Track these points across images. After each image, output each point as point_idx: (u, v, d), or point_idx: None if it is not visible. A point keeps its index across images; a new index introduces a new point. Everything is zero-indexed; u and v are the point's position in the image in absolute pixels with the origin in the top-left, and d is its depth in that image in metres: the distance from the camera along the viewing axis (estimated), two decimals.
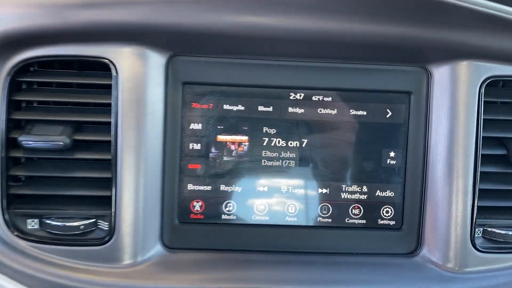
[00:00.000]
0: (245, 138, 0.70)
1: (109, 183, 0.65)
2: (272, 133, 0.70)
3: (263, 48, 0.66)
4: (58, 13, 0.60)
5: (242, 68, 0.69)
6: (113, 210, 0.65)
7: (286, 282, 0.66)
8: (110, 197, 0.65)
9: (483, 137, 0.67)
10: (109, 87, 0.65)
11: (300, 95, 0.70)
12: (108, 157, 0.65)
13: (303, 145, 0.71)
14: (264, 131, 0.70)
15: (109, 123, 0.65)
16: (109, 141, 0.65)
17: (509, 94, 0.72)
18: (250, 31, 0.63)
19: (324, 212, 0.72)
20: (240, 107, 0.70)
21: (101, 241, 0.65)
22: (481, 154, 0.67)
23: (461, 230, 0.67)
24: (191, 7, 0.61)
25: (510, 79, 0.69)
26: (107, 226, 0.66)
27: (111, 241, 0.64)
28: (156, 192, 0.68)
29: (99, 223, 0.66)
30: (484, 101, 0.67)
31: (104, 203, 0.65)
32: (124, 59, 0.64)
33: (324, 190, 0.71)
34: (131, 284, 0.64)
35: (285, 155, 0.71)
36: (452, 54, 0.66)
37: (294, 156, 0.71)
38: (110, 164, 0.65)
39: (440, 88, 0.68)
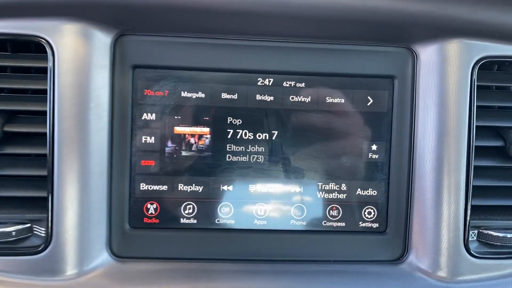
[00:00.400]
0: (206, 130, 0.62)
1: (46, 182, 0.57)
2: (237, 124, 0.62)
3: (226, 25, 0.59)
4: None
5: (202, 49, 0.61)
6: (49, 213, 0.57)
7: None
8: (46, 199, 0.57)
9: (476, 126, 0.61)
10: (46, 71, 0.57)
11: (269, 81, 0.62)
12: (44, 151, 0.57)
13: (273, 138, 0.63)
14: (228, 122, 0.62)
15: (45, 113, 0.56)
16: (45, 133, 0.56)
17: (505, 78, 0.64)
18: (210, 3, 0.55)
19: (297, 214, 0.64)
20: (201, 95, 0.62)
21: (37, 250, 0.57)
22: (475, 146, 0.61)
23: (453, 233, 0.61)
24: None
25: (506, 60, 0.60)
26: (44, 232, 0.58)
27: (48, 249, 0.57)
28: (102, 192, 0.59)
29: (35, 229, 0.58)
30: (477, 85, 0.61)
31: (41, 206, 0.58)
32: (63, 38, 0.57)
33: (298, 189, 0.63)
34: None
35: (253, 149, 0.63)
36: (440, 31, 0.59)
37: (263, 150, 0.63)
38: (46, 160, 0.56)
39: (427, 71, 0.62)
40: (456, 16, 0.57)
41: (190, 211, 0.63)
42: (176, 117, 0.62)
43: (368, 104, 0.63)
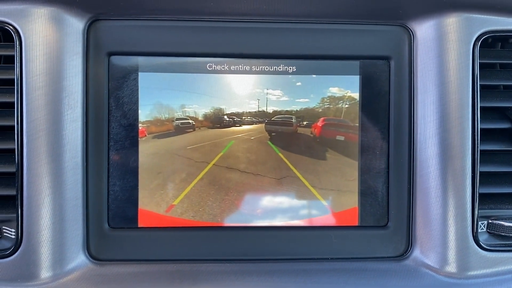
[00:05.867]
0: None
1: (14, 179, 0.53)
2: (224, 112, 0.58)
3: (207, 4, 0.55)
4: None
5: (181, 32, 0.57)
6: (19, 212, 0.53)
7: None
8: (15, 197, 0.53)
9: (481, 107, 0.57)
10: (13, 59, 0.54)
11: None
12: (12, 146, 0.53)
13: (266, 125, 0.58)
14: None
15: (13, 104, 0.53)
16: (13, 127, 0.53)
17: (510, 55, 0.60)
18: None
19: (291, 209, 0.59)
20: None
21: (6, 253, 0.54)
22: (480, 129, 0.57)
23: (460, 224, 0.57)
24: None
25: (510, 34, 0.56)
26: (14, 233, 0.54)
27: (19, 251, 0.54)
28: (77, 189, 0.56)
29: (4, 230, 0.55)
30: (479, 63, 0.57)
31: (9, 205, 0.55)
32: (31, 23, 0.54)
33: (292, 181, 0.58)
34: None
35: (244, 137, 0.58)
36: (437, 4, 0.56)
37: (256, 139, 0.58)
38: (15, 156, 0.53)
39: (424, 50, 0.58)
40: None
41: (175, 208, 0.58)
42: None
43: (364, 88, 0.59)
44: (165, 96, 0.57)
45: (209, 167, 0.57)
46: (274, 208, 0.59)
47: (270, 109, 0.58)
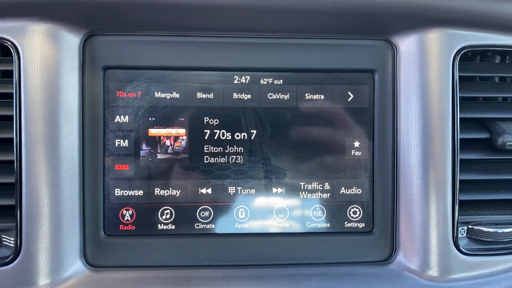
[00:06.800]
0: (182, 131, 0.60)
1: (14, 189, 0.55)
2: (214, 125, 0.61)
3: (198, 21, 0.57)
4: None
5: (175, 47, 0.60)
6: (18, 222, 0.55)
7: None
8: (14, 207, 0.55)
9: (461, 118, 0.59)
10: (11, 74, 0.56)
11: (246, 78, 0.61)
12: (11, 158, 0.55)
13: (252, 138, 0.61)
14: (205, 122, 0.61)
15: (11, 118, 0.55)
16: (12, 139, 0.55)
17: (488, 68, 0.63)
18: None
19: (280, 216, 0.62)
20: (175, 95, 0.60)
21: (6, 261, 0.55)
22: (460, 139, 0.59)
23: (441, 230, 0.59)
24: None
25: (488, 49, 0.59)
26: (13, 242, 0.56)
27: (18, 259, 0.55)
28: (74, 199, 0.58)
29: (3, 239, 0.56)
30: (459, 76, 0.59)
31: (9, 214, 0.56)
32: (29, 39, 0.56)
33: (279, 190, 0.61)
34: None
35: (231, 150, 0.61)
36: (419, 21, 0.58)
37: (242, 150, 0.61)
38: (14, 167, 0.55)
39: (407, 63, 0.60)
40: (434, 4, 0.57)
41: (168, 216, 0.61)
42: (150, 118, 0.60)
43: (349, 99, 0.62)
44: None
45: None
46: (265, 214, 0.61)
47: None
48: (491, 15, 0.58)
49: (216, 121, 0.61)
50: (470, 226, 0.61)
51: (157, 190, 0.60)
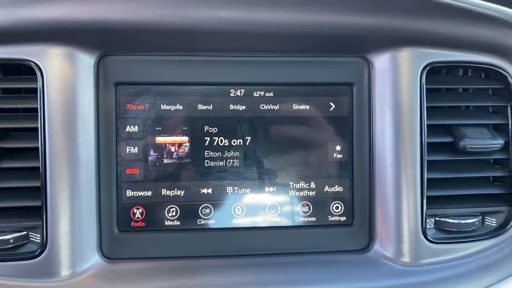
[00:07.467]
0: (185, 138, 0.67)
1: (39, 192, 0.61)
2: (213, 132, 0.68)
3: (199, 43, 0.64)
4: None
5: (178, 65, 0.66)
6: (44, 221, 0.61)
7: (232, 285, 0.63)
8: (40, 208, 0.61)
9: (428, 125, 0.67)
10: (36, 91, 0.62)
11: (241, 92, 0.68)
12: (37, 164, 0.61)
13: (247, 143, 0.68)
14: (205, 131, 0.68)
15: (37, 129, 0.61)
16: (37, 148, 0.61)
17: (453, 81, 0.71)
18: (184, 24, 0.61)
19: (272, 211, 0.69)
20: (179, 107, 0.67)
21: (33, 255, 0.61)
22: (427, 143, 0.66)
23: (412, 222, 0.66)
24: (119, 2, 0.59)
25: (452, 64, 0.67)
26: (39, 238, 0.62)
27: (44, 254, 0.61)
28: (91, 200, 0.64)
29: (31, 236, 0.62)
30: (427, 88, 0.67)
31: (35, 214, 0.62)
32: (50, 61, 0.61)
33: (271, 189, 0.69)
34: None
35: (229, 154, 0.68)
36: (392, 41, 0.65)
37: (238, 155, 0.68)
38: (39, 172, 0.61)
39: (381, 77, 0.68)
40: (405, 27, 0.63)
41: (174, 213, 0.68)
42: (157, 128, 0.67)
43: (331, 109, 0.69)
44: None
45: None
46: (259, 211, 0.69)
47: None
48: (453, 36, 0.65)
49: (215, 129, 0.68)
50: (437, 218, 0.68)
51: (163, 190, 0.67)
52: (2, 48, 0.61)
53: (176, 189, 0.67)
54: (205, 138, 0.67)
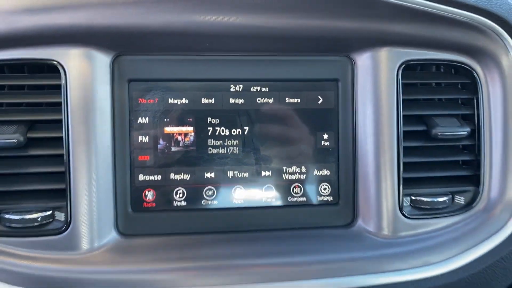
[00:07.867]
0: (190, 129, 0.74)
1: (63, 176, 0.68)
2: (216, 123, 0.75)
3: (203, 44, 0.70)
4: (4, 18, 0.64)
5: (184, 64, 0.73)
6: (68, 201, 0.68)
7: (233, 256, 0.69)
8: (64, 190, 0.68)
9: (405, 115, 0.74)
10: (58, 87, 0.69)
11: (240, 87, 0.75)
12: (61, 152, 0.68)
13: (245, 133, 0.75)
14: (208, 122, 0.74)
15: (60, 121, 0.68)
16: (61, 137, 0.68)
17: (426, 76, 0.79)
18: (189, 28, 0.67)
19: (267, 193, 0.76)
20: (184, 100, 0.74)
21: (59, 231, 0.67)
22: (403, 131, 0.74)
23: (391, 200, 0.72)
24: (132, 9, 0.65)
25: (426, 62, 0.75)
26: (64, 217, 0.69)
27: (68, 230, 0.67)
28: (108, 183, 0.71)
29: (56, 215, 0.69)
30: (404, 83, 0.74)
31: (60, 196, 0.67)
32: (71, 60, 0.68)
33: (267, 173, 0.76)
34: (88, 268, 0.67)
35: (229, 142, 0.75)
36: (373, 42, 0.71)
37: (238, 143, 0.75)
38: (63, 159, 0.68)
39: (363, 74, 0.74)
40: (383, 30, 0.70)
41: (181, 195, 0.74)
42: (165, 119, 0.74)
43: (319, 102, 0.77)
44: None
45: None
46: (256, 192, 0.76)
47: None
48: (426, 38, 0.70)
49: (217, 120, 0.75)
50: (412, 197, 0.74)
51: (172, 175, 0.74)
52: (30, 50, 0.67)
53: (183, 174, 0.73)
54: (208, 128, 0.73)
